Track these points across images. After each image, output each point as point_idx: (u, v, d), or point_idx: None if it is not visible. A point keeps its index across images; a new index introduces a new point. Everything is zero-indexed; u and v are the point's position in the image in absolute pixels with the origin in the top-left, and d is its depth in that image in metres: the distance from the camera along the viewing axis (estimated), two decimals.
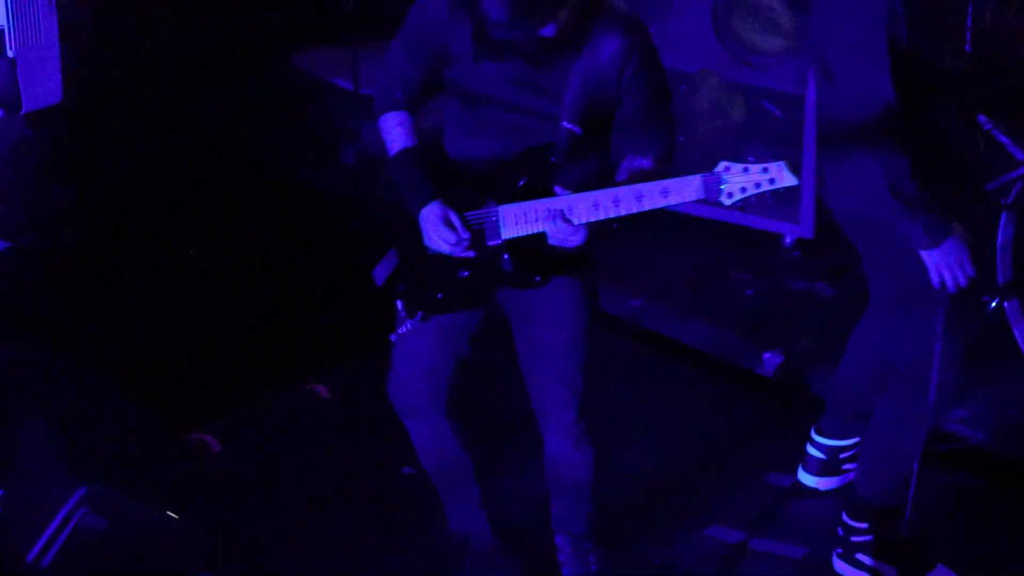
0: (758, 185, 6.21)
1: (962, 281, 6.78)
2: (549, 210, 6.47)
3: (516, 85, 6.56)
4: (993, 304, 8.83)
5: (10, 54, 7.12)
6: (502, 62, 6.43)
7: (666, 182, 6.43)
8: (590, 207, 6.46)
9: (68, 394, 7.89)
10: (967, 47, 7.42)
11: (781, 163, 6.69)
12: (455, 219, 6.51)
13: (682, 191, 6.41)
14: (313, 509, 7.79)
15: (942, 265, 6.73)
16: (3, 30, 7.08)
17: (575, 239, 6.38)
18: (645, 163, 6.40)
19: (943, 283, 6.77)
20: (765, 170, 6.78)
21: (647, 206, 6.48)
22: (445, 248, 6.62)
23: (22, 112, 7.15)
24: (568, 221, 6.47)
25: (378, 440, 7.76)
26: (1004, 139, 8.70)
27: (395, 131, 6.71)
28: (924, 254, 6.76)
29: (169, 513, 7.11)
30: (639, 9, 7.28)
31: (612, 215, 6.47)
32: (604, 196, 6.56)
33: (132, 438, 7.81)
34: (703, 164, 7.05)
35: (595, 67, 6.52)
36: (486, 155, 6.70)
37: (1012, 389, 8.56)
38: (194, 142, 9.23)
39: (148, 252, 9.09)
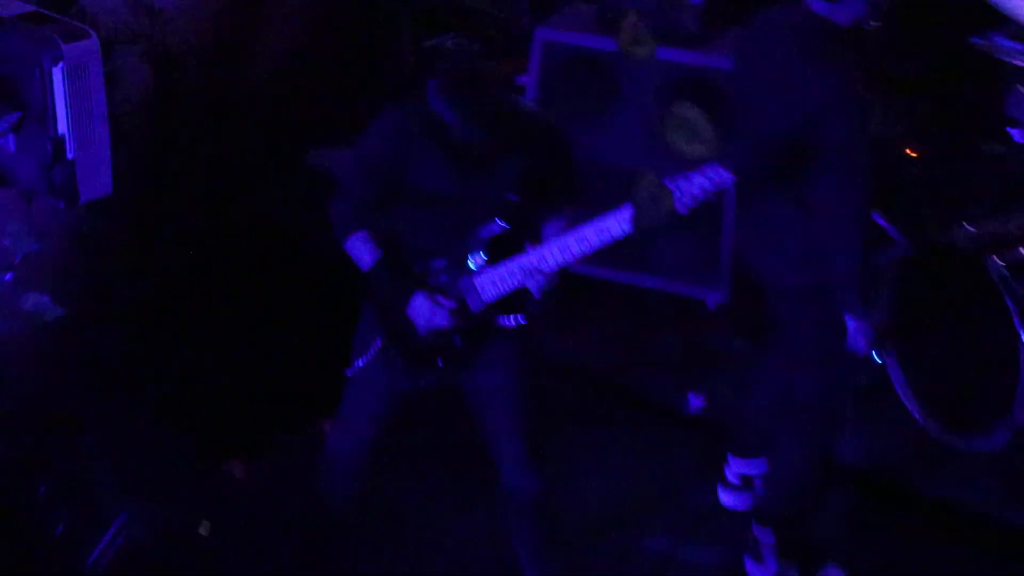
0: (705, 187, 6.88)
1: (870, 348, 7.67)
2: (522, 267, 7.13)
3: (467, 177, 7.19)
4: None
5: (70, 156, 7.98)
6: (460, 163, 7.11)
7: (623, 209, 7.02)
8: (558, 252, 7.08)
9: (130, 432, 8.43)
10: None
11: (712, 163, 7.54)
12: (441, 299, 7.17)
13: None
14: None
15: (861, 333, 7.45)
16: (64, 136, 7.92)
17: (553, 283, 7.06)
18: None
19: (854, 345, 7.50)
20: (703, 171, 7.62)
21: (610, 235, 7.05)
22: (442, 323, 7.19)
23: (79, 202, 7.95)
24: (541, 272, 7.08)
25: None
26: (883, 223, 8.82)
27: (362, 248, 7.23)
28: (849, 320, 7.46)
29: (200, 530, 7.75)
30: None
31: (579, 253, 7.08)
32: (567, 239, 7.13)
33: (173, 464, 8.38)
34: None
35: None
36: (442, 245, 7.35)
37: (892, 424, 8.95)
38: (223, 222, 9.73)
39: (189, 315, 9.25)
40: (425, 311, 7.07)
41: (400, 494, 8.50)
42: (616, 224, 7.00)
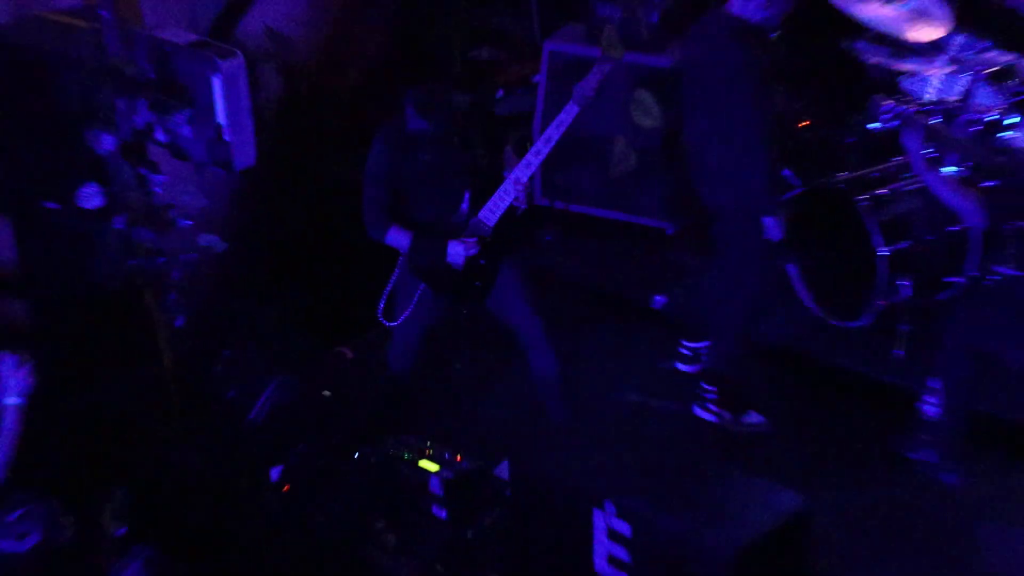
0: None
1: (782, 236, 7.78)
2: (506, 189, 7.41)
3: (441, 154, 7.43)
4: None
5: (227, 139, 7.73)
6: (432, 153, 7.41)
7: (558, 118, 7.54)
8: (525, 167, 7.38)
9: (274, 328, 8.49)
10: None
11: None
12: (465, 239, 7.38)
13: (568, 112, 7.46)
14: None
15: (775, 226, 7.65)
16: (223, 125, 7.83)
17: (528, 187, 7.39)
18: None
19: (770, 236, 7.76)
20: None
21: (555, 139, 7.44)
22: (473, 251, 7.45)
23: (235, 171, 7.56)
24: (520, 183, 7.36)
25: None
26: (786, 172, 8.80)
27: (398, 236, 7.43)
28: (765, 219, 7.69)
29: (324, 392, 8.05)
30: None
31: (540, 159, 7.45)
32: (527, 157, 7.48)
33: (304, 349, 8.45)
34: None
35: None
36: (446, 206, 7.60)
37: (793, 311, 8.81)
38: (322, 182, 9.67)
39: (307, 252, 9.37)
40: (460, 249, 7.32)
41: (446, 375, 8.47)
42: (563, 124, 7.38)
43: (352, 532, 7.30)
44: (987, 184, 7.62)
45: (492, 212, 7.41)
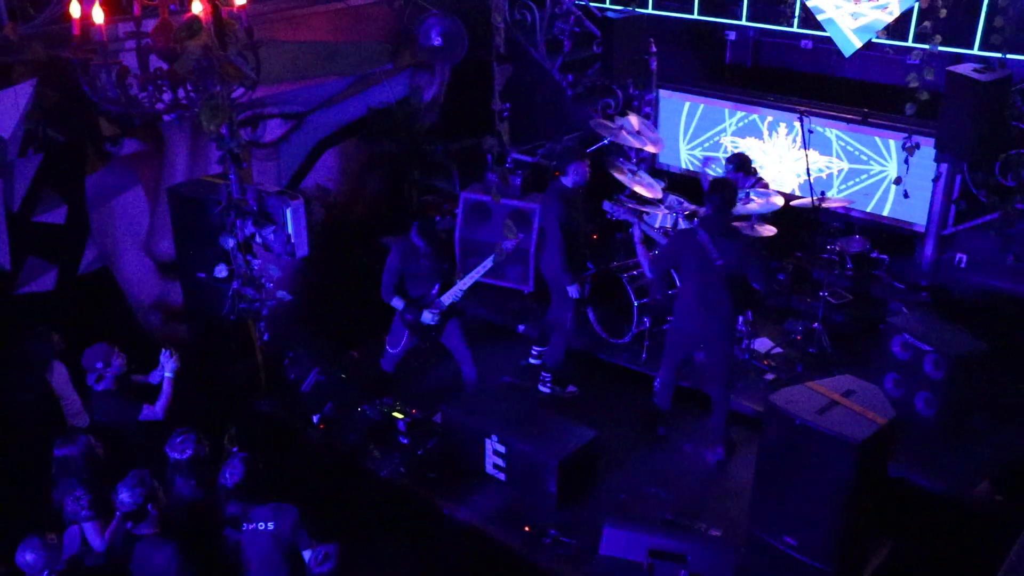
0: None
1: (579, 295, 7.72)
2: (456, 290, 7.39)
3: (429, 262, 7.37)
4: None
5: (293, 240, 7.26)
6: (424, 258, 7.33)
7: (488, 260, 7.38)
8: (467, 281, 7.39)
9: (316, 341, 8.22)
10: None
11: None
12: (430, 310, 7.40)
13: (487, 263, 7.42)
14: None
15: (573, 291, 7.63)
16: (292, 234, 7.41)
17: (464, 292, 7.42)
18: None
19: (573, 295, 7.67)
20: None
21: (485, 270, 7.43)
22: (435, 320, 7.44)
23: (297, 257, 7.38)
24: (461, 289, 7.36)
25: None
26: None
27: (397, 301, 7.41)
28: (570, 288, 7.64)
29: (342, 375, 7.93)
30: None
31: (468, 285, 7.45)
32: (461, 283, 7.44)
33: (332, 352, 8.16)
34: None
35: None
36: (425, 290, 7.47)
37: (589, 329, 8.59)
38: (345, 270, 9.27)
39: (337, 303, 8.90)
40: (428, 317, 7.33)
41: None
42: (486, 267, 7.34)
43: (357, 451, 7.41)
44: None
45: (447, 299, 7.48)
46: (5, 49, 6.84)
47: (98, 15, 5.01)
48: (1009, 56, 7.78)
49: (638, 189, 8.52)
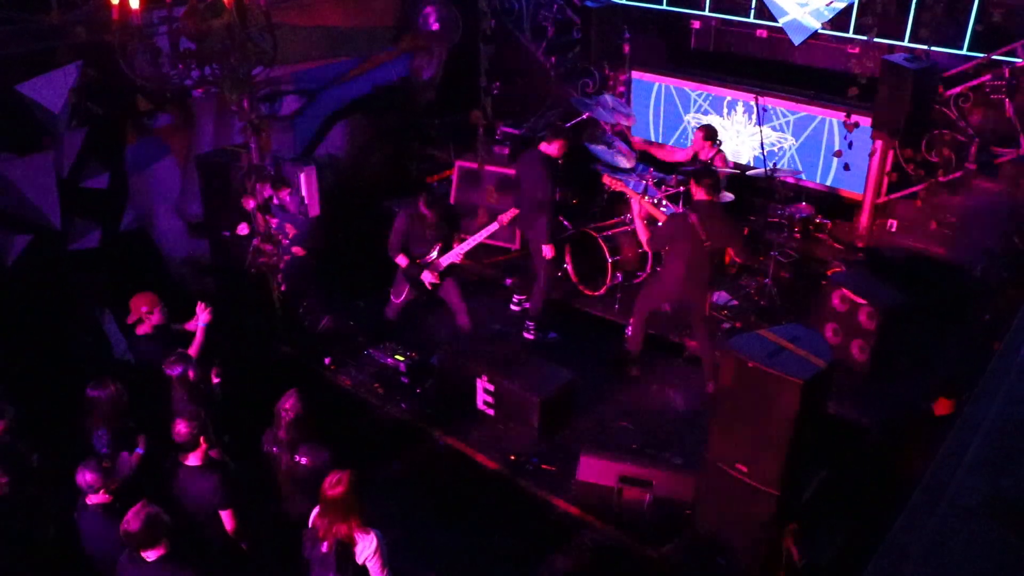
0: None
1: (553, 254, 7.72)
2: (455, 253, 7.36)
3: (431, 228, 7.30)
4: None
5: (307, 202, 7.65)
6: (429, 224, 7.25)
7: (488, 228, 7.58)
8: (462, 249, 7.38)
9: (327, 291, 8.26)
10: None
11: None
12: (430, 270, 7.33)
13: (491, 227, 7.59)
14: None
15: (548, 252, 7.67)
16: (304, 195, 7.58)
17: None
18: None
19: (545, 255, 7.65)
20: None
21: (479, 239, 7.51)
22: (435, 279, 7.45)
23: (310, 216, 7.72)
24: (459, 254, 7.35)
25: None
26: (566, 222, 8.62)
27: (402, 259, 7.35)
28: (544, 249, 7.67)
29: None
30: None
31: (470, 247, 7.48)
32: (463, 246, 7.44)
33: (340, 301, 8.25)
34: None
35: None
36: (426, 251, 7.40)
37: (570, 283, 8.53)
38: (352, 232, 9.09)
39: (347, 257, 8.74)
40: (427, 276, 7.29)
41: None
42: (483, 234, 7.43)
43: (363, 389, 7.39)
44: None
45: (445, 260, 7.45)
46: (53, 34, 6.83)
47: (134, 1, 5.04)
48: (934, 48, 7.91)
49: (613, 158, 8.54)
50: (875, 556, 2.30)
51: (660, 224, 7.20)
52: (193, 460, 5.09)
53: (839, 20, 8.46)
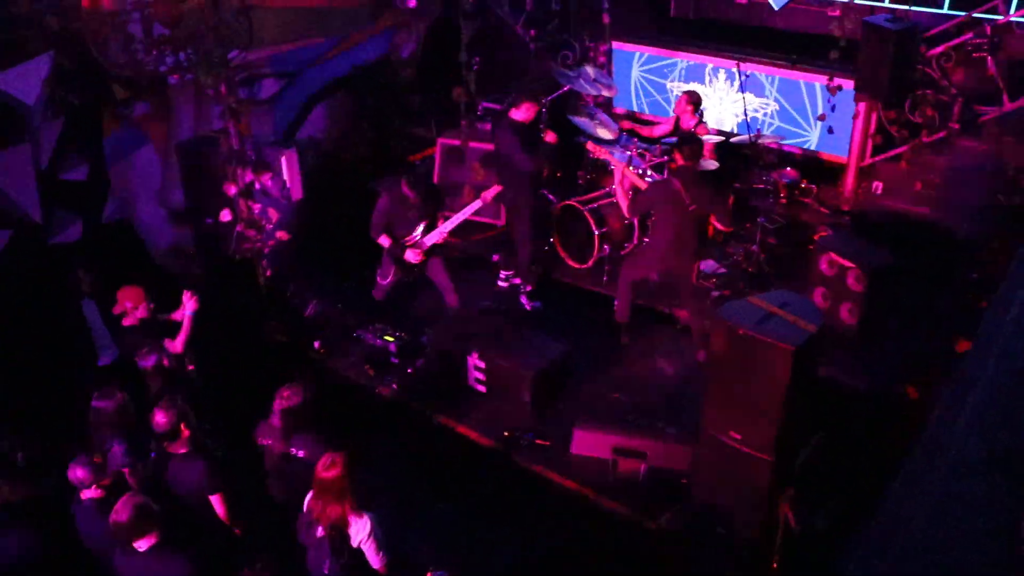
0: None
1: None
2: (440, 231, 7.24)
3: (415, 208, 7.19)
4: None
5: (288, 185, 7.60)
6: (412, 205, 7.15)
7: (471, 206, 7.40)
8: (442, 230, 7.25)
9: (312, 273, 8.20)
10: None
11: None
12: (414, 250, 7.24)
13: (474, 205, 7.45)
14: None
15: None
16: (286, 179, 7.53)
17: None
18: None
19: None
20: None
21: (463, 217, 7.44)
22: (419, 258, 7.36)
23: (293, 200, 7.72)
24: (443, 233, 7.25)
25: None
26: (549, 194, 8.59)
27: (385, 240, 7.24)
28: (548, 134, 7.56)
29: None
30: None
31: (453, 226, 7.36)
32: (447, 224, 7.32)
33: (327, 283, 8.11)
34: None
35: None
36: (408, 231, 7.30)
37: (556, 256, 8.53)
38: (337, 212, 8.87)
39: (330, 240, 8.52)
40: (411, 255, 7.20)
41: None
42: (467, 212, 7.35)
43: (353, 370, 7.33)
44: None
45: (429, 240, 7.34)
46: (22, 23, 6.74)
47: None
48: (914, 8, 7.94)
49: (596, 130, 8.48)
50: (876, 516, 2.27)
51: (643, 190, 7.17)
52: (177, 448, 5.07)
53: None
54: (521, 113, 7.57)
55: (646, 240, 7.60)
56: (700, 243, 7.13)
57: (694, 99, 8.55)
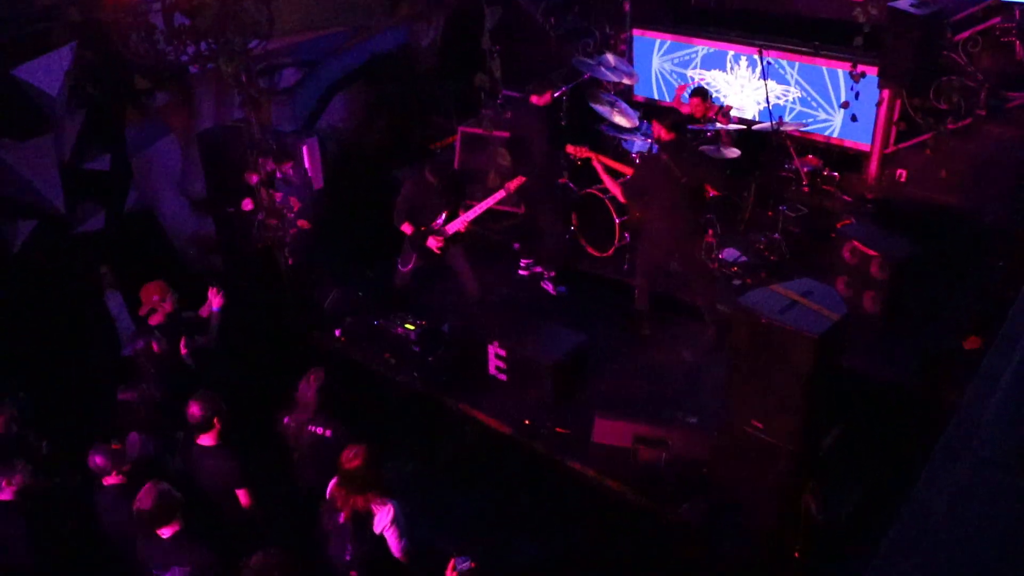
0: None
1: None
2: (461, 220, 7.28)
3: (438, 195, 7.26)
4: None
5: (311, 175, 7.67)
6: (436, 193, 7.21)
7: (494, 196, 7.45)
8: (468, 216, 7.31)
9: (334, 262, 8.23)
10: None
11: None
12: (435, 236, 7.28)
13: (498, 194, 7.51)
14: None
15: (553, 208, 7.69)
16: (308, 168, 7.63)
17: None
18: None
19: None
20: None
21: (485, 207, 7.45)
22: (440, 245, 7.39)
23: (315, 188, 7.80)
24: (465, 221, 7.28)
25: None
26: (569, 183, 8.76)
27: (407, 227, 7.28)
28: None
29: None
30: None
31: (475, 215, 7.47)
32: (468, 214, 7.37)
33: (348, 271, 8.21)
34: None
35: None
36: (431, 218, 7.32)
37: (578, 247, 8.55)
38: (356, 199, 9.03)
39: (352, 227, 8.64)
40: (433, 242, 7.22)
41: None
42: (489, 202, 7.38)
43: (374, 359, 7.37)
44: None
45: (451, 228, 7.39)
46: (45, 15, 6.77)
47: None
48: None
49: (616, 118, 8.43)
50: (899, 513, 2.25)
51: (633, 172, 7.16)
52: (207, 440, 5.10)
53: None
54: (544, 99, 7.63)
55: (645, 224, 7.50)
56: (699, 217, 7.15)
57: (701, 94, 8.49)
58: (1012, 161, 7.84)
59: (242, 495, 5.08)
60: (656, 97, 10.38)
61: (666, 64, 10.18)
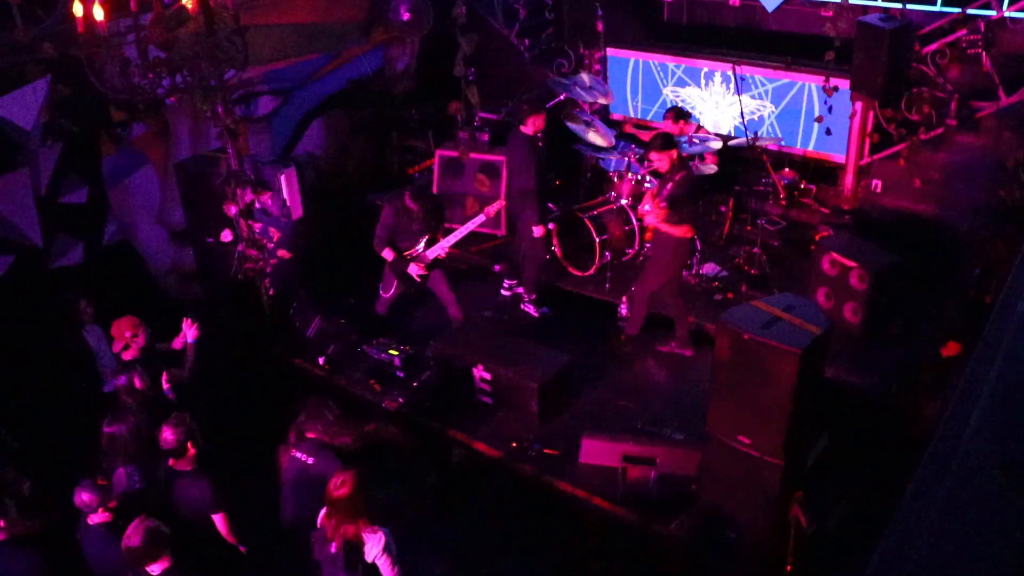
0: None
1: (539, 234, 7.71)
2: (440, 246, 7.25)
3: (418, 220, 7.25)
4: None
5: (288, 204, 7.62)
6: (415, 216, 7.17)
7: (471, 223, 7.47)
8: (445, 244, 7.27)
9: (315, 291, 8.05)
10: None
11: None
12: (416, 263, 7.28)
13: (476, 220, 7.44)
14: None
15: (538, 232, 7.67)
16: (286, 198, 7.58)
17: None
18: None
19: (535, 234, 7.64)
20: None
21: (465, 232, 7.44)
22: (422, 271, 7.40)
23: (293, 219, 7.71)
24: (444, 248, 7.29)
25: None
26: (552, 206, 8.61)
27: (388, 253, 7.24)
28: (535, 230, 7.67)
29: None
30: None
31: (455, 240, 7.36)
32: (449, 238, 7.33)
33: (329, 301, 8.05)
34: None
35: None
36: (412, 244, 7.34)
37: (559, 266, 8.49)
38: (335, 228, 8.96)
39: (331, 252, 8.59)
40: (415, 269, 7.22)
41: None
42: (469, 227, 7.35)
43: (359, 386, 7.29)
44: None
45: (432, 253, 7.37)
46: (19, 50, 6.75)
47: (98, 13, 4.97)
48: (908, 6, 8.03)
49: (592, 137, 8.47)
50: (889, 524, 2.27)
51: (677, 192, 6.91)
52: (182, 465, 5.09)
53: None
54: (530, 127, 7.58)
55: (658, 246, 7.29)
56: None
57: (679, 115, 8.46)
58: (983, 169, 7.92)
59: (219, 520, 5.05)
60: (632, 115, 10.43)
61: (641, 82, 10.22)
